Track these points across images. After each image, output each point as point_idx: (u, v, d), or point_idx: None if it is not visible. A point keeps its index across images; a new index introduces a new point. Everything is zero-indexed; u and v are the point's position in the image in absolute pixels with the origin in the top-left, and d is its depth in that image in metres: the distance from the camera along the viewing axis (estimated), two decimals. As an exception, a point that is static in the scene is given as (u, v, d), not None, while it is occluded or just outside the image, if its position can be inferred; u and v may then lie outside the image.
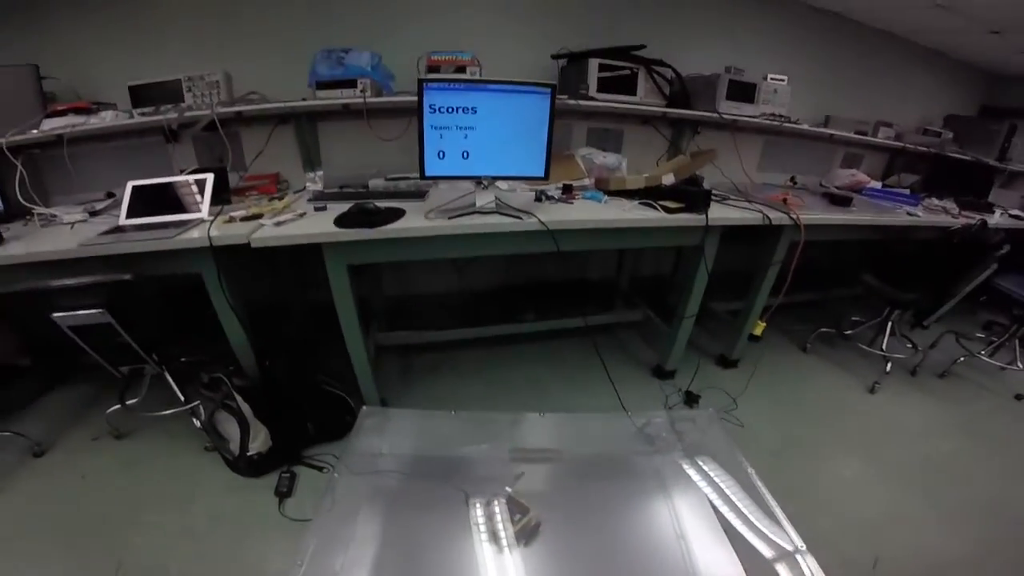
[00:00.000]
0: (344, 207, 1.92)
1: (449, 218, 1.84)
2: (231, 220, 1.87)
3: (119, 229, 1.83)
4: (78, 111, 2.30)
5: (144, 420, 2.21)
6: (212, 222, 1.86)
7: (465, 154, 1.82)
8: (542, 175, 1.93)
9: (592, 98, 2.58)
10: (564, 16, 2.81)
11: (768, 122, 2.93)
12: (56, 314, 1.66)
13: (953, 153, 3.54)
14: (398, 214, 1.88)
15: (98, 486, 1.93)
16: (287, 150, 2.60)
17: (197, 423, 2.13)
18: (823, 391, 2.71)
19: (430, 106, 1.74)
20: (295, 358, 2.22)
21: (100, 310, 1.67)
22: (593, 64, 2.56)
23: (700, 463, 1.70)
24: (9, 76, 2.27)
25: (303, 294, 2.86)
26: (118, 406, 2.18)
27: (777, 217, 2.20)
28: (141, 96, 2.31)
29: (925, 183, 3.46)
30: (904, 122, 3.64)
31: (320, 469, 2.01)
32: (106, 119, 2.29)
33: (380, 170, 2.57)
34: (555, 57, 2.75)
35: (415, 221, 1.82)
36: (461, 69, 2.34)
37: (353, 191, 2.34)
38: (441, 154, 1.80)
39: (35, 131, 2.22)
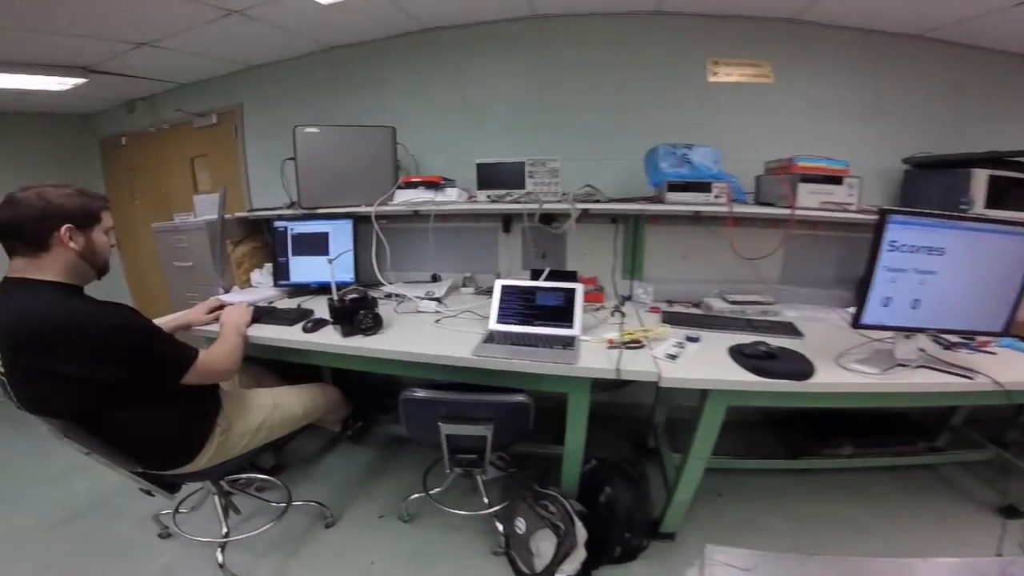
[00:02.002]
0: (709, 336, 1.75)
1: (884, 370, 1.51)
2: (613, 345, 1.70)
3: (493, 338, 1.76)
4: (428, 185, 2.37)
5: (429, 503, 2.15)
6: (588, 341, 1.75)
7: (915, 303, 1.50)
8: (1000, 330, 1.54)
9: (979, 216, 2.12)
10: (906, 115, 2.42)
11: None
12: (446, 426, 1.61)
13: None
14: (803, 361, 1.59)
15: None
16: (605, 252, 2.45)
17: (500, 527, 1.99)
18: None
19: (891, 243, 1.45)
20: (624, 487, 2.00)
21: (489, 426, 1.59)
22: (980, 174, 2.12)
23: None
24: (377, 136, 2.44)
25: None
26: (420, 494, 2.14)
27: None
28: (484, 175, 2.32)
29: None
30: None
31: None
32: (451, 196, 2.33)
33: (721, 290, 2.30)
34: (914, 163, 2.36)
35: (834, 373, 1.53)
36: (834, 179, 2.05)
37: (708, 315, 2.10)
38: (887, 301, 1.50)
39: (392, 203, 2.33)
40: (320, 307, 2.12)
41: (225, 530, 1.87)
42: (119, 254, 3.95)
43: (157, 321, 2.06)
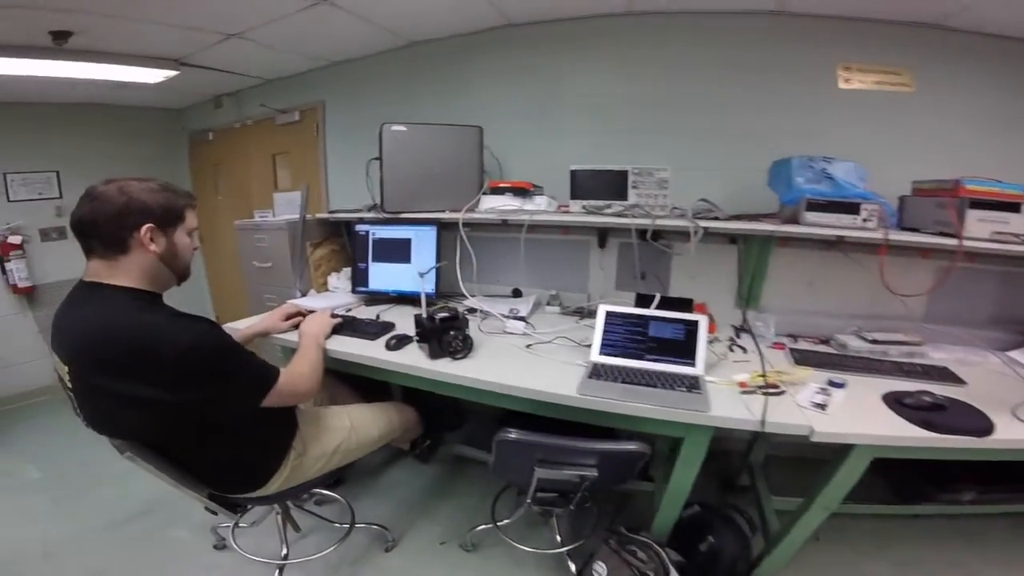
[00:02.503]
0: (852, 381, 1.49)
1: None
2: (746, 389, 1.43)
3: (600, 372, 1.53)
4: (516, 191, 2.17)
5: (495, 533, 1.97)
6: (714, 382, 1.49)
7: None
8: None
9: None
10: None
11: None
12: (543, 471, 1.40)
13: None
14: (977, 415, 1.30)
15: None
16: (717, 276, 2.16)
17: (572, 567, 1.77)
18: None
19: None
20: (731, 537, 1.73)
21: (591, 472, 1.38)
22: None
23: None
24: (464, 136, 2.29)
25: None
26: (488, 525, 1.98)
27: None
28: (579, 183, 2.09)
29: None
30: None
31: None
32: (541, 204, 2.13)
33: (859, 326, 1.97)
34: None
35: (1016, 428, 1.26)
36: (1010, 206, 1.67)
37: (843, 355, 1.79)
38: None
39: (478, 210, 2.15)
40: (402, 320, 1.98)
41: (285, 551, 1.79)
42: (200, 252, 4.02)
43: (234, 326, 2.00)
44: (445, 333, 1.60)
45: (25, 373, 3.34)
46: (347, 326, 1.90)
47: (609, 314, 1.66)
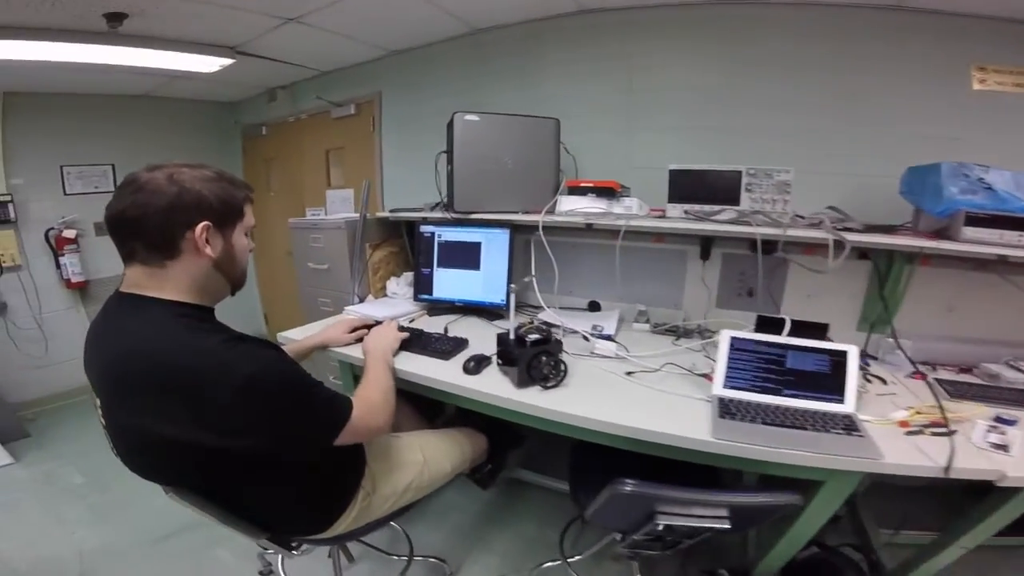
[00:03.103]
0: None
1: None
2: (910, 430, 1.17)
3: (730, 409, 1.25)
4: (600, 191, 1.91)
5: (561, 569, 1.80)
6: (868, 421, 1.22)
7: None
8: None
9: None
10: None
11: None
12: (664, 518, 1.12)
13: None
14: None
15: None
16: (840, 295, 1.85)
17: None
18: None
19: None
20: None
21: (723, 524, 1.10)
22: None
23: None
24: (540, 129, 2.06)
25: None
26: (556, 562, 1.79)
27: None
28: (679, 184, 1.81)
29: None
30: None
31: None
32: (632, 208, 1.85)
33: (1014, 355, 1.64)
34: None
35: None
36: None
37: (997, 387, 1.48)
38: None
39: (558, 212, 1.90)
40: (474, 335, 1.76)
41: (338, 587, 1.60)
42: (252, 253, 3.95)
43: (290, 335, 1.80)
44: (535, 358, 1.35)
45: (75, 369, 3.25)
46: (415, 341, 1.68)
47: (735, 340, 1.38)
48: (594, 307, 2.15)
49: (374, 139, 3.07)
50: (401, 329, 1.67)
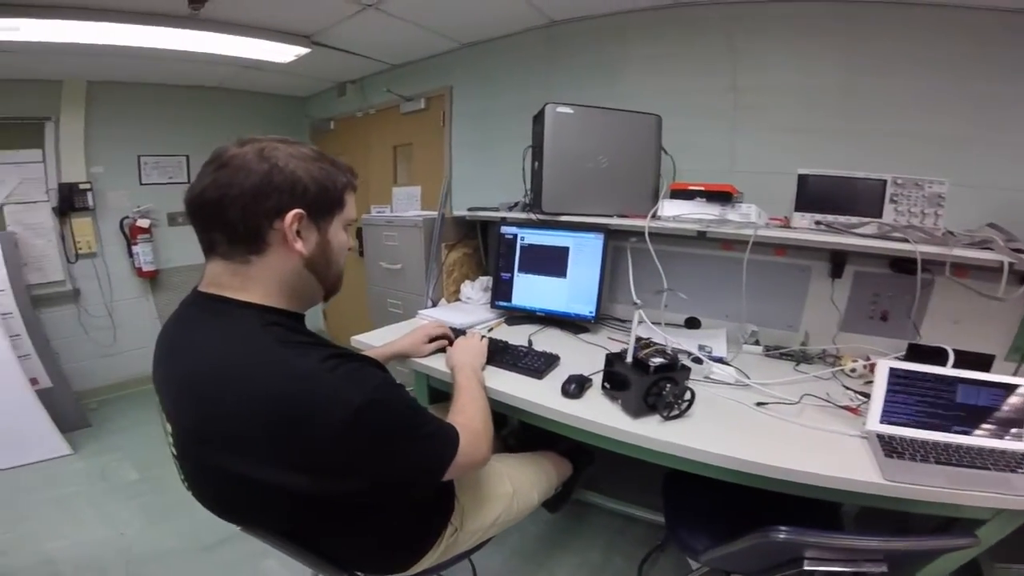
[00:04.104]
0: None
1: None
2: None
3: (896, 448, 1.03)
4: (712, 196, 1.68)
5: None
6: None
7: None
8: None
9: None
10: None
11: None
12: (813, 563, 0.92)
13: None
14: None
15: None
16: (990, 323, 1.56)
17: None
18: None
19: None
20: None
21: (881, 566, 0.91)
22: None
23: None
24: (640, 126, 1.86)
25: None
26: None
27: None
28: (809, 191, 1.57)
29: None
30: None
31: None
32: (750, 215, 1.61)
33: None
34: None
35: None
36: None
37: None
38: None
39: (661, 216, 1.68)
40: (563, 350, 1.57)
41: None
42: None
43: (365, 340, 1.67)
44: (655, 384, 1.15)
45: (140, 358, 3.30)
46: (500, 354, 1.49)
47: (895, 373, 1.14)
48: (692, 323, 1.92)
49: (444, 134, 2.94)
50: (484, 339, 1.50)
